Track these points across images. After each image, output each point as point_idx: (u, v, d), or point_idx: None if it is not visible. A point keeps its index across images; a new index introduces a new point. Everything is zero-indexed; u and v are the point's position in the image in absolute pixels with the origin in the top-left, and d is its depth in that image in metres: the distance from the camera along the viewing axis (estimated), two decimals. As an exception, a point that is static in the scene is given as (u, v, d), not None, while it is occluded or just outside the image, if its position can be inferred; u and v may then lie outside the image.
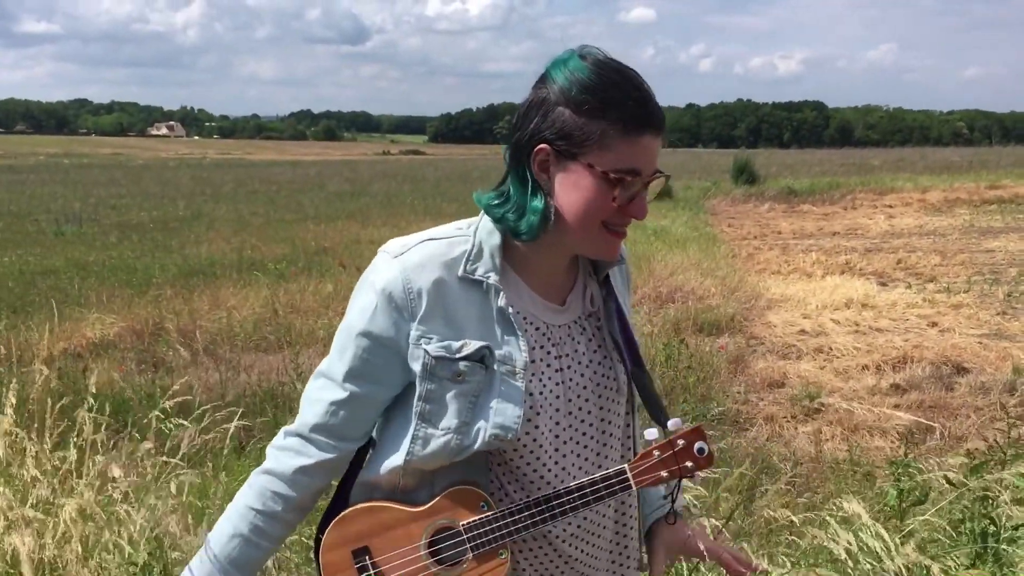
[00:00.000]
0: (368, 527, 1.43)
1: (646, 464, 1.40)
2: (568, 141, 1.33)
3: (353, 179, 40.72)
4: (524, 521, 1.39)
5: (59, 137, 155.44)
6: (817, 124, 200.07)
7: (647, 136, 1.33)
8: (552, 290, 1.48)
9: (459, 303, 1.38)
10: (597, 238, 1.39)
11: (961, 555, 2.93)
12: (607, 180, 1.33)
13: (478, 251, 1.40)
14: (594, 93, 1.31)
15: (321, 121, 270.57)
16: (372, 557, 1.42)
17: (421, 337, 1.37)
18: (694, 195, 27.20)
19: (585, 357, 1.48)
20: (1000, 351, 7.90)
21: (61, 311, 9.51)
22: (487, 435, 1.37)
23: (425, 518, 1.41)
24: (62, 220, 19.53)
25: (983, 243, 15.96)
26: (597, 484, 1.39)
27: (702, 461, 1.41)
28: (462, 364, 1.36)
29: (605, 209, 1.35)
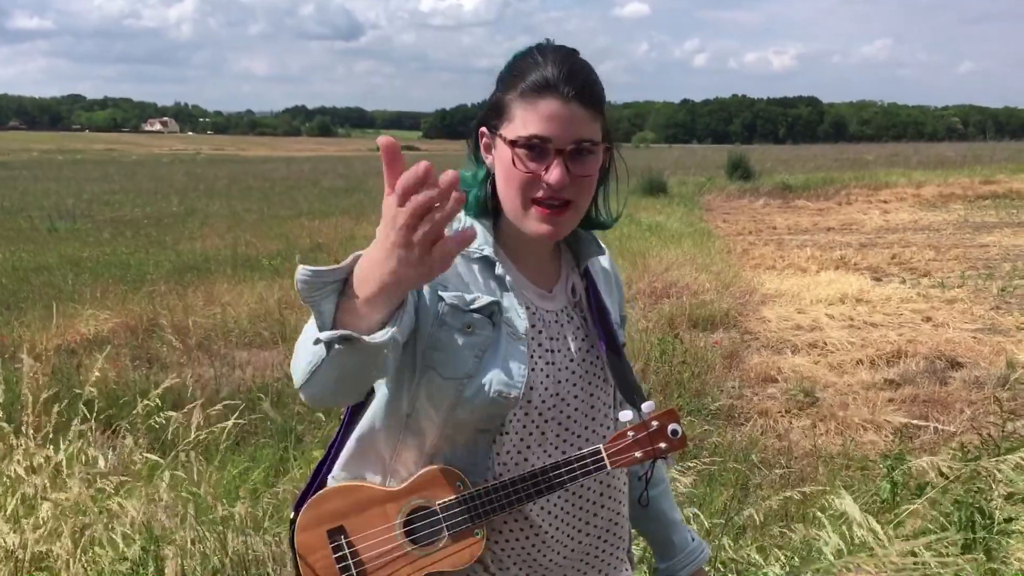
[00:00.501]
0: (344, 506, 1.42)
1: (620, 444, 1.41)
2: (492, 119, 1.42)
3: (347, 175, 40.65)
4: (500, 500, 1.39)
5: (52, 133, 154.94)
6: (812, 119, 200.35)
7: (546, 100, 1.34)
8: (540, 277, 1.52)
9: (463, 271, 1.42)
10: (524, 214, 1.40)
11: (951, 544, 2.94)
12: (512, 148, 1.36)
13: (471, 226, 1.45)
14: (510, 69, 1.40)
15: (315, 117, 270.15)
16: (347, 536, 1.42)
17: (438, 285, 1.38)
18: (689, 191, 27.22)
19: (573, 344, 1.50)
20: (994, 345, 7.93)
21: (55, 307, 9.51)
22: (492, 390, 1.37)
23: (401, 498, 1.41)
24: (55, 216, 19.48)
25: (977, 238, 16.00)
26: (572, 464, 1.40)
27: (675, 443, 1.42)
28: (474, 315, 1.38)
29: (516, 179, 1.37)
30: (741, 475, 4.70)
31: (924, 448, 5.47)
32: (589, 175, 1.39)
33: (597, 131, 1.39)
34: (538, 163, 1.36)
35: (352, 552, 1.42)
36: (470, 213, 1.47)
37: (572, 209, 1.40)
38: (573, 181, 1.37)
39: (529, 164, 1.35)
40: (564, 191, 1.37)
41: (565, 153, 1.35)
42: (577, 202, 1.40)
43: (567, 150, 1.35)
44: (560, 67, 1.35)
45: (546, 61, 1.36)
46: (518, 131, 1.36)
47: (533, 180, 1.36)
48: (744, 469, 4.83)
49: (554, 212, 1.38)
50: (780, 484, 4.70)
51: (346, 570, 1.42)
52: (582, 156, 1.37)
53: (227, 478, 4.36)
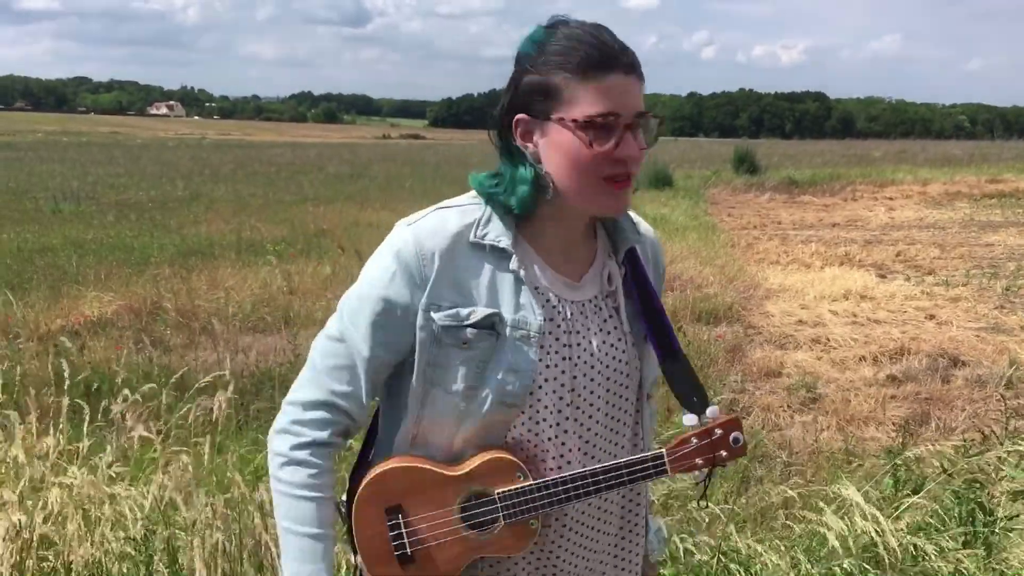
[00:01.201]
0: (404, 486, 1.43)
1: (684, 450, 1.40)
2: (539, 103, 1.36)
3: (353, 162, 40.61)
4: (560, 495, 1.39)
5: (58, 115, 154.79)
6: (819, 115, 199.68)
7: (612, 76, 1.32)
8: (568, 265, 1.47)
9: (470, 269, 1.40)
10: (596, 193, 1.37)
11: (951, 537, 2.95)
12: (582, 129, 1.33)
13: (488, 217, 1.42)
14: (552, 50, 1.35)
15: (321, 103, 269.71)
16: (405, 516, 1.43)
17: (431, 305, 1.38)
18: (694, 184, 27.17)
19: (597, 337, 1.46)
20: (997, 344, 7.93)
21: (58, 289, 9.53)
22: (495, 402, 1.38)
23: (460, 483, 1.42)
24: (60, 198, 19.48)
25: (982, 237, 15.96)
26: (634, 465, 1.40)
27: (736, 451, 1.42)
28: (469, 331, 1.37)
29: (589, 160, 1.34)
30: (742, 468, 4.71)
31: (925, 445, 5.48)
32: (648, 146, 1.38)
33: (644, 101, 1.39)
34: (607, 140, 1.33)
35: (409, 532, 1.43)
36: (517, 210, 1.40)
37: (634, 182, 1.40)
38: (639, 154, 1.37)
39: (601, 143, 1.33)
40: (633, 165, 1.36)
41: (633, 126, 1.34)
42: (636, 175, 1.40)
43: (634, 123, 1.34)
44: (612, 40, 1.34)
45: (595, 36, 1.34)
46: (585, 111, 1.32)
47: (605, 158, 1.34)
48: (745, 462, 4.83)
49: (623, 185, 1.37)
50: (781, 478, 4.71)
51: (400, 548, 1.44)
52: (642, 129, 1.37)
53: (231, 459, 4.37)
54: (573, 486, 1.39)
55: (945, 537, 2.92)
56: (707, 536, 3.15)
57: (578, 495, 1.39)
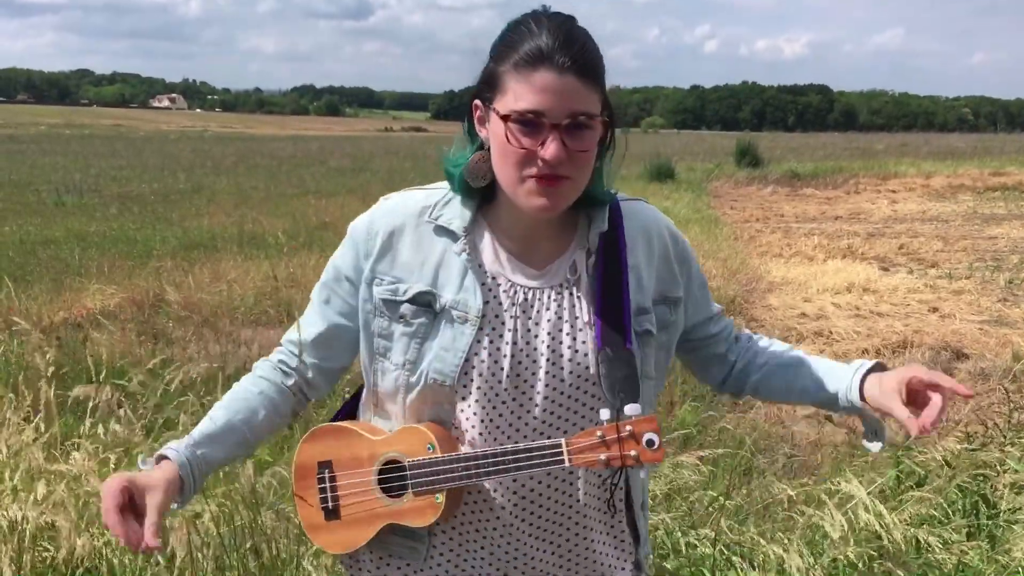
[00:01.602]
0: (335, 444, 1.53)
1: (585, 443, 1.32)
2: (487, 92, 1.37)
3: (355, 155, 40.58)
4: (458, 472, 1.40)
5: (60, 107, 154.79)
6: (822, 108, 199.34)
7: (540, 72, 1.28)
8: (531, 254, 1.46)
9: (419, 248, 1.45)
10: (519, 188, 1.35)
11: (954, 531, 2.95)
12: (505, 123, 1.31)
13: (448, 200, 1.46)
14: (502, 38, 1.36)
15: (323, 96, 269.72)
16: (332, 471, 1.52)
17: (374, 279, 1.46)
18: (697, 177, 27.12)
19: (550, 325, 1.43)
20: (1000, 337, 7.91)
21: (61, 281, 9.53)
22: (428, 378, 1.42)
23: (380, 447, 1.48)
24: (62, 190, 19.48)
25: (986, 230, 15.94)
26: (532, 451, 1.35)
27: (648, 454, 1.30)
28: (404, 307, 1.44)
29: (512, 154, 1.32)
30: (745, 460, 4.71)
31: (928, 438, 5.47)
32: (586, 150, 1.33)
33: (595, 103, 1.33)
34: (533, 138, 1.30)
35: (332, 487, 1.52)
36: (457, 190, 1.45)
37: (569, 184, 1.34)
38: (570, 156, 1.31)
39: (523, 140, 1.30)
40: (561, 167, 1.31)
41: (561, 127, 1.30)
42: (575, 178, 1.34)
43: (563, 124, 1.30)
44: (555, 36, 1.29)
45: (540, 29, 1.30)
46: (511, 105, 1.30)
47: (528, 156, 1.31)
48: (748, 455, 4.83)
49: (550, 184, 1.32)
50: (784, 471, 4.71)
51: (324, 501, 1.52)
52: (579, 130, 1.31)
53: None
54: (473, 464, 1.38)
55: (948, 529, 2.92)
56: (709, 529, 3.15)
57: (476, 475, 1.39)
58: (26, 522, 2.88)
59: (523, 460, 1.37)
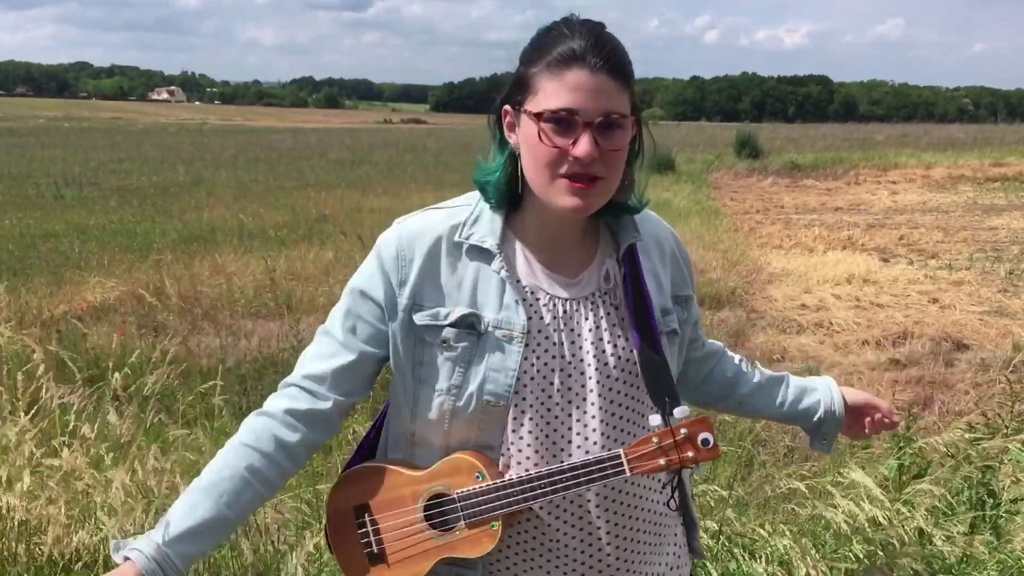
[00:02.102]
0: (370, 486, 1.48)
1: (643, 451, 1.35)
2: (517, 95, 1.37)
3: (354, 147, 40.52)
4: (515, 496, 1.37)
5: (59, 100, 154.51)
6: (822, 99, 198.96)
7: (574, 71, 1.30)
8: (563, 263, 1.46)
9: (454, 270, 1.41)
10: (552, 189, 1.35)
11: (958, 523, 2.94)
12: (538, 122, 1.32)
13: (477, 218, 1.43)
14: (533, 43, 1.36)
15: (322, 88, 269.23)
16: (371, 515, 1.47)
17: (412, 306, 1.41)
18: (697, 168, 27.10)
19: (592, 335, 1.43)
20: (1000, 328, 7.91)
21: (61, 275, 9.53)
22: (479, 401, 1.38)
23: (422, 483, 1.44)
24: (62, 184, 19.45)
25: (986, 220, 15.92)
26: (591, 466, 1.36)
27: (704, 453, 1.35)
28: (447, 331, 1.39)
29: (545, 154, 1.32)
30: (746, 452, 4.71)
31: (929, 429, 5.47)
32: (618, 149, 1.34)
33: (626, 103, 1.34)
34: (565, 137, 1.31)
35: (375, 530, 1.47)
36: (491, 200, 1.43)
37: (602, 184, 1.35)
38: (602, 156, 1.32)
39: (556, 139, 1.31)
40: (593, 166, 1.32)
41: (594, 126, 1.30)
42: (607, 178, 1.35)
43: (596, 123, 1.30)
44: (587, 38, 1.31)
45: (572, 33, 1.32)
46: (543, 104, 1.32)
47: (561, 155, 1.32)
48: (749, 446, 4.83)
49: (583, 185, 1.33)
50: (785, 462, 4.71)
51: (368, 546, 1.47)
52: (611, 129, 1.32)
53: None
54: (530, 487, 1.37)
55: (953, 521, 2.91)
56: (712, 520, 3.15)
57: (535, 496, 1.37)
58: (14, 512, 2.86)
59: (582, 476, 1.36)
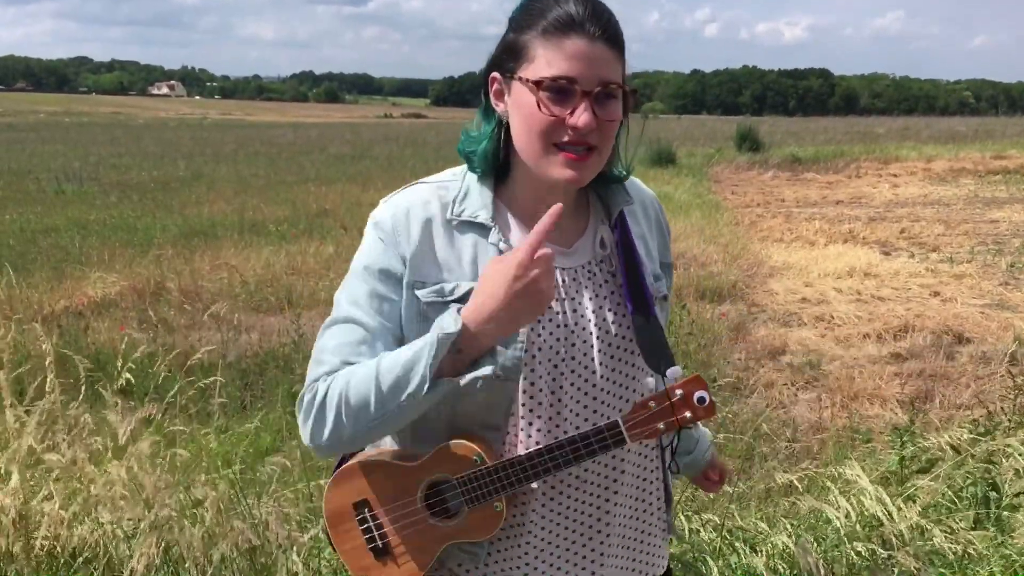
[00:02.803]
0: (367, 481, 1.45)
1: (641, 416, 1.33)
2: (508, 62, 1.34)
3: (354, 141, 40.49)
4: (516, 475, 1.36)
5: (59, 95, 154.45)
6: (822, 92, 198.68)
7: (572, 39, 1.27)
8: (557, 232, 1.42)
9: (451, 245, 1.38)
10: (545, 159, 1.33)
11: (962, 519, 2.94)
12: (536, 90, 1.29)
13: (466, 192, 1.41)
14: (523, 8, 1.34)
15: (322, 83, 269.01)
16: (371, 509, 1.45)
17: (414, 283, 1.37)
18: (698, 162, 27.06)
19: (592, 303, 1.43)
20: (1002, 321, 7.89)
21: (62, 270, 9.53)
22: (487, 373, 1.33)
23: (420, 472, 1.42)
24: (62, 179, 19.44)
25: (987, 213, 15.89)
26: (589, 438, 1.34)
27: (701, 411, 1.33)
28: (453, 307, 1.34)
29: (540, 123, 1.30)
30: (747, 446, 4.71)
31: (931, 423, 5.48)
32: (614, 119, 1.33)
33: (620, 73, 1.32)
34: (563, 106, 1.29)
35: (377, 524, 1.44)
36: (478, 170, 1.42)
37: (596, 154, 1.33)
38: (599, 126, 1.30)
39: (554, 107, 1.28)
40: (590, 136, 1.30)
41: (592, 96, 1.28)
42: (601, 148, 1.34)
43: (594, 92, 1.28)
44: (584, 5, 1.29)
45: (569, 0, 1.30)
46: (541, 72, 1.28)
47: (557, 124, 1.30)
48: (750, 440, 4.83)
49: (579, 157, 1.31)
50: (786, 456, 4.71)
51: (371, 541, 1.45)
52: (608, 100, 1.31)
53: (231, 439, 4.38)
54: (530, 464, 1.36)
55: (955, 519, 2.91)
56: (713, 515, 3.14)
57: (536, 473, 1.36)
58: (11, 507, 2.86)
59: (582, 448, 1.34)
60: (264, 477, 3.82)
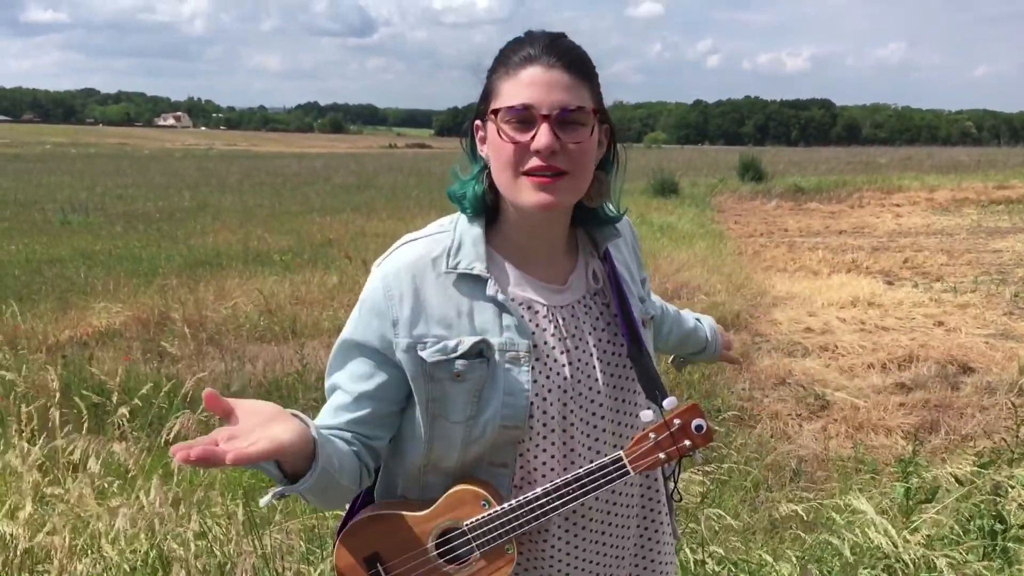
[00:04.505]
0: (376, 535, 1.45)
1: (642, 448, 1.37)
2: (483, 106, 1.40)
3: (359, 172, 40.68)
4: (524, 516, 1.38)
5: (66, 126, 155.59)
6: (824, 122, 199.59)
7: (529, 69, 1.33)
8: (550, 271, 1.47)
9: (448, 300, 1.39)
10: (515, 187, 1.35)
11: (968, 551, 2.92)
12: (497, 120, 1.34)
13: (459, 244, 1.42)
14: (497, 56, 1.40)
15: (327, 114, 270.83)
16: (384, 563, 1.44)
17: (416, 344, 1.38)
18: (701, 192, 27.14)
19: (592, 336, 1.46)
20: (1006, 351, 7.88)
21: (67, 300, 9.55)
22: (496, 427, 1.38)
23: (429, 521, 1.43)
24: (68, 209, 19.54)
25: (990, 243, 15.90)
26: (594, 473, 1.37)
27: (699, 439, 1.37)
28: (459, 363, 1.37)
29: (506, 151, 1.33)
30: (752, 477, 4.69)
31: (935, 453, 5.45)
32: (580, 142, 1.34)
33: (586, 98, 1.35)
34: (524, 133, 1.32)
35: None
36: (468, 211, 1.43)
37: (568, 179, 1.35)
38: (564, 150, 1.32)
39: (515, 135, 1.32)
40: (555, 159, 1.32)
41: (551, 119, 1.31)
42: (573, 172, 1.35)
43: (553, 116, 1.31)
44: (543, 42, 1.35)
45: (531, 40, 1.36)
46: (503, 103, 1.34)
47: (522, 151, 1.33)
48: (755, 471, 4.81)
49: (546, 180, 1.33)
50: (791, 487, 4.68)
51: None
52: (571, 124, 1.33)
53: (236, 472, 4.36)
54: (538, 504, 1.38)
55: (960, 550, 2.89)
56: (718, 546, 3.13)
57: (544, 513, 1.38)
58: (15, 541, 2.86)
59: (588, 483, 1.37)
60: (266, 509, 3.81)
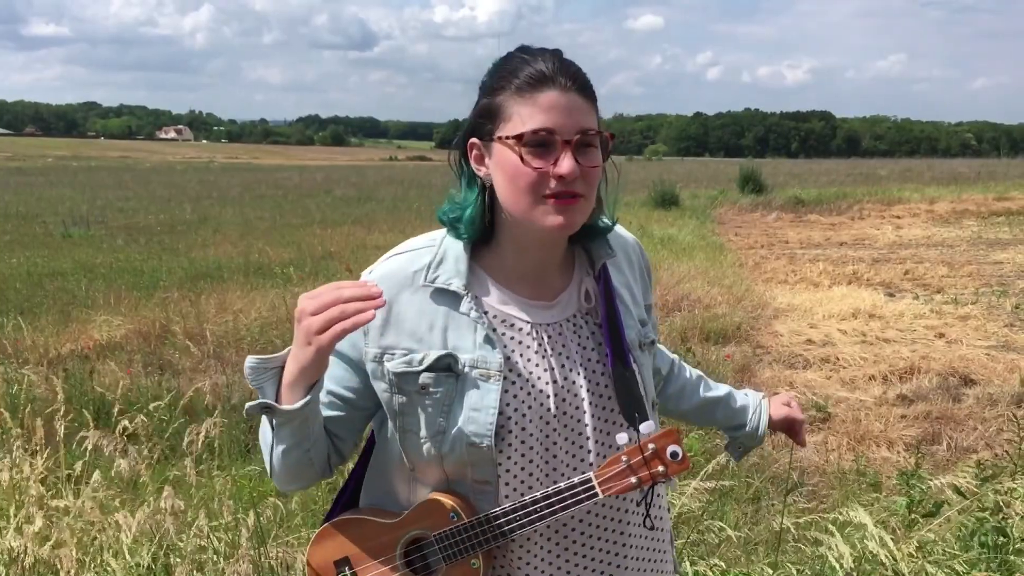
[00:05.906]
0: (348, 539, 1.47)
1: (614, 471, 1.34)
2: (486, 125, 1.37)
3: (359, 184, 40.75)
4: (492, 531, 1.38)
5: (68, 140, 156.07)
6: (824, 134, 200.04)
7: (546, 92, 1.31)
8: (539, 288, 1.46)
9: (423, 313, 1.39)
10: (536, 211, 1.34)
11: (969, 564, 2.91)
12: (517, 145, 1.32)
13: (441, 259, 1.42)
14: (495, 72, 1.38)
15: (328, 126, 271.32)
16: (352, 567, 1.46)
17: (384, 354, 1.39)
18: (701, 204, 27.16)
19: (580, 355, 1.45)
20: (1008, 363, 7.87)
21: (68, 313, 9.56)
22: (463, 443, 1.37)
23: (399, 529, 1.43)
24: (69, 222, 19.59)
25: (991, 255, 15.90)
26: (563, 492, 1.36)
27: (674, 466, 1.34)
28: (424, 376, 1.37)
29: (527, 177, 1.32)
30: (753, 489, 4.68)
31: (938, 465, 5.44)
32: (596, 166, 1.36)
33: (595, 121, 1.36)
34: (545, 158, 1.32)
35: None
36: (464, 235, 1.42)
37: (583, 202, 1.36)
38: (582, 173, 1.33)
39: (536, 161, 1.31)
40: (575, 184, 1.33)
41: (572, 144, 1.31)
42: (587, 195, 1.36)
43: (574, 140, 1.32)
44: (552, 61, 1.34)
45: (535, 57, 1.34)
46: (520, 127, 1.31)
47: (543, 177, 1.32)
48: (756, 483, 4.80)
49: (567, 203, 1.33)
50: (792, 499, 4.67)
51: None
52: (588, 148, 1.34)
53: (237, 484, 4.36)
54: (505, 520, 1.37)
55: (960, 563, 2.88)
56: (719, 559, 3.13)
57: (512, 529, 1.37)
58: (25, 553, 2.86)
59: (556, 503, 1.36)
60: (265, 521, 3.81)
